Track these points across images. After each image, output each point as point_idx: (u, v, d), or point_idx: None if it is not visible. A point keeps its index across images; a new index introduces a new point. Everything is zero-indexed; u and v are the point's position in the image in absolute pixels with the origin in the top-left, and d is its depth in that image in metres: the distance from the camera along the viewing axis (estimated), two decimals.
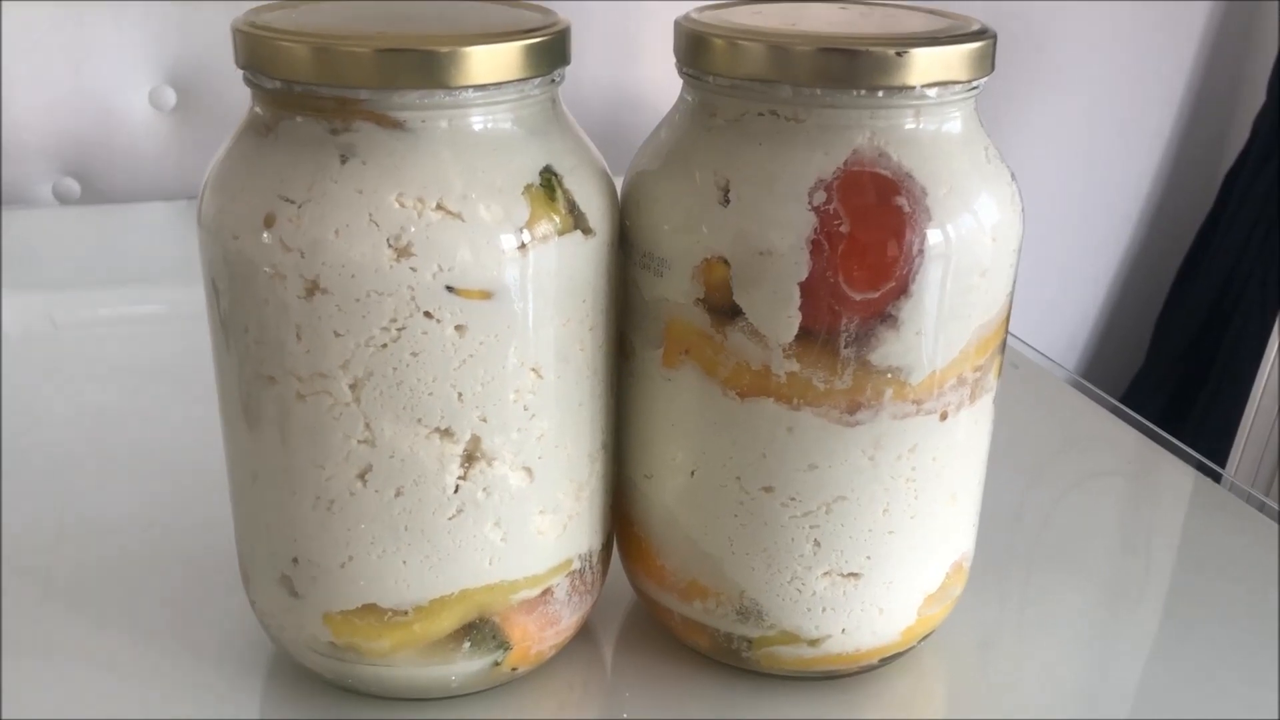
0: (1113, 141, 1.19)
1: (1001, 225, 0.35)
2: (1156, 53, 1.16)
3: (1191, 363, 1.21)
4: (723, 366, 0.35)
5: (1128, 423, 0.60)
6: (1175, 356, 1.24)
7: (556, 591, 0.37)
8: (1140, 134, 1.21)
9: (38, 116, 0.92)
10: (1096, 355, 1.32)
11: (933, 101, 0.33)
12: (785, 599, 0.37)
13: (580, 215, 0.34)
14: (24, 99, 0.91)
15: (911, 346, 0.34)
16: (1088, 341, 1.31)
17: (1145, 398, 1.23)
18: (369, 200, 0.31)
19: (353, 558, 0.35)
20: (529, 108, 0.33)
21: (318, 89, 0.31)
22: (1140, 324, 1.28)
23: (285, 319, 0.32)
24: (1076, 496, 0.53)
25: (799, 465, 0.35)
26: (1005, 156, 0.36)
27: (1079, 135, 1.16)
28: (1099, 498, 0.54)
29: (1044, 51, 1.10)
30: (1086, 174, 1.18)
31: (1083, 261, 1.24)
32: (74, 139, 0.94)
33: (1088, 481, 0.56)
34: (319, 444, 0.33)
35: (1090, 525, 0.51)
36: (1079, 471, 0.56)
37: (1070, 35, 1.10)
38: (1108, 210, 1.22)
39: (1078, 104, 1.14)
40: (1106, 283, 1.28)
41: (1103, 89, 1.15)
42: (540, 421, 0.35)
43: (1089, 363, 1.32)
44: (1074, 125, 1.15)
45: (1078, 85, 1.13)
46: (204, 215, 0.34)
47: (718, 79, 0.34)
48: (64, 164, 0.95)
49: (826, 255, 0.33)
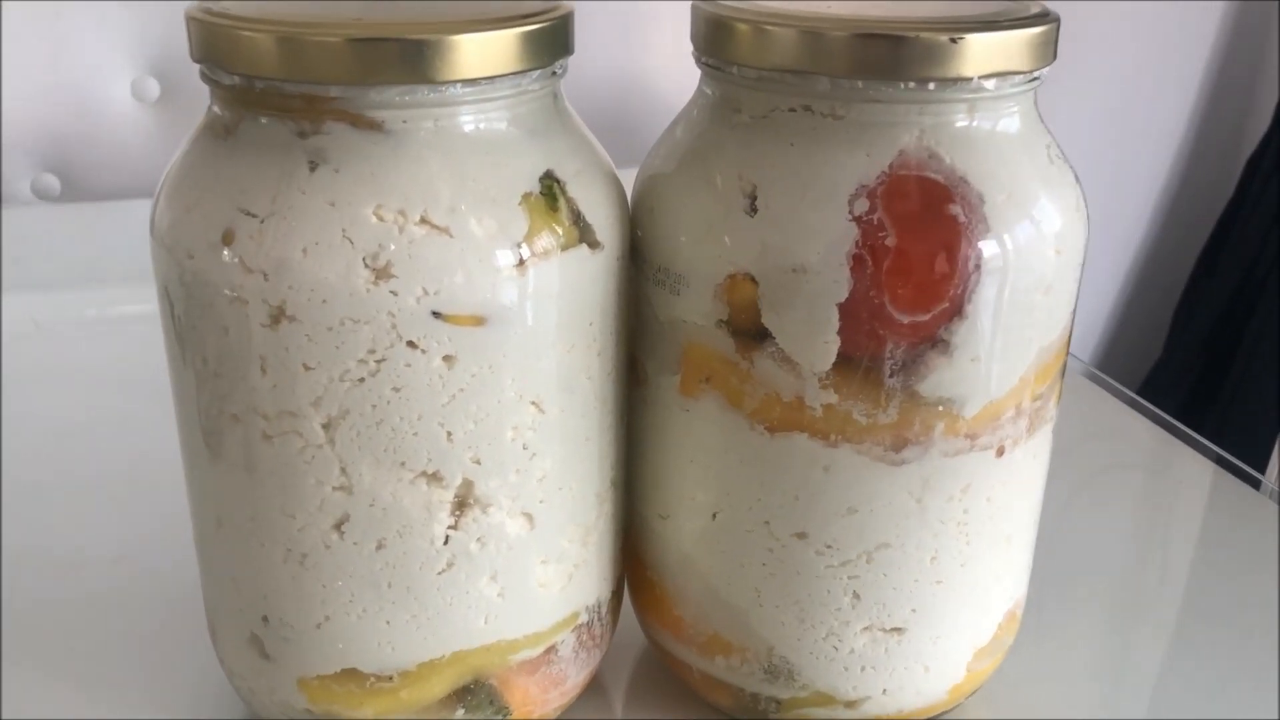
0: (1131, 130, 1.16)
1: (1065, 235, 0.30)
2: (1175, 42, 1.14)
3: (1211, 355, 1.18)
4: (749, 397, 0.31)
5: (1145, 415, 0.58)
6: (1194, 348, 1.20)
7: (561, 649, 0.33)
8: (1159, 122, 1.18)
9: (14, 110, 0.88)
10: (1113, 347, 1.29)
11: (990, 95, 0.29)
12: (820, 657, 0.33)
13: (586, 227, 0.30)
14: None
15: (965, 375, 0.30)
16: (1104, 333, 1.28)
17: (1163, 390, 1.20)
18: (342, 213, 0.27)
19: (329, 617, 0.31)
20: (527, 105, 0.29)
21: (282, 85, 0.27)
22: (1158, 315, 1.25)
23: (248, 350, 0.28)
24: (1092, 491, 0.51)
25: (837, 509, 0.31)
26: None
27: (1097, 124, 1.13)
28: (1115, 491, 0.53)
29: (1061, 42, 1.06)
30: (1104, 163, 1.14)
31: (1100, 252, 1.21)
32: (53, 133, 0.90)
33: (1103, 475, 0.54)
34: (289, 490, 0.29)
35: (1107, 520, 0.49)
36: (1094, 465, 0.54)
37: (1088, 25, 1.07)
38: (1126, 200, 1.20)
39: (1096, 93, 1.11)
40: (1124, 273, 1.25)
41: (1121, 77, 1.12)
42: (542, 461, 0.30)
43: (1105, 354, 1.29)
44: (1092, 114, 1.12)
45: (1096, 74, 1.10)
46: (156, 226, 0.30)
47: (742, 70, 0.30)
48: (43, 159, 0.91)
49: (869, 272, 0.28)
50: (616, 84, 0.94)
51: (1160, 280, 1.25)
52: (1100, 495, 0.52)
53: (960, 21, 0.29)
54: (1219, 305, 1.18)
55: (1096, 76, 1.11)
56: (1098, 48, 1.09)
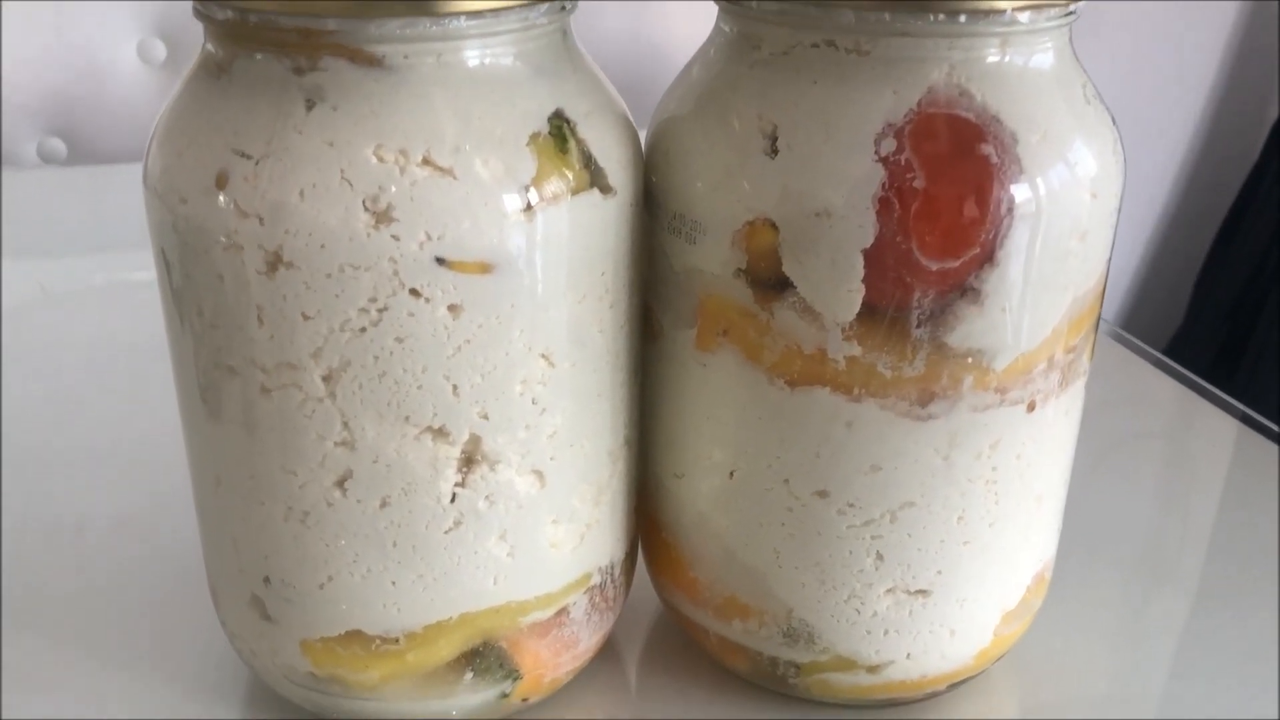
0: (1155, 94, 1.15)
1: (1102, 179, 0.29)
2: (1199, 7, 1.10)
3: (1235, 319, 1.16)
4: (769, 350, 0.29)
5: (1171, 375, 0.58)
6: (1218, 312, 1.19)
7: (573, 611, 0.32)
8: (1183, 86, 1.16)
9: (19, 72, 0.87)
10: (1135, 313, 1.28)
11: (1024, 29, 0.27)
12: (841, 620, 0.32)
13: (597, 170, 0.28)
14: (4, 55, 0.85)
15: (996, 325, 0.28)
16: (1128, 295, 1.26)
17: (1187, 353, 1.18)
18: (341, 154, 0.26)
19: (332, 577, 0.30)
20: (535, 40, 0.28)
21: (277, 18, 0.26)
22: (1182, 279, 1.23)
23: (244, 299, 0.27)
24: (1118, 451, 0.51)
25: (860, 466, 0.30)
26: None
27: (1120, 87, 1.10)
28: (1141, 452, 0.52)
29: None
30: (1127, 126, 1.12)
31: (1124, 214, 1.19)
32: (58, 96, 0.89)
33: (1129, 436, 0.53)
34: (289, 446, 0.28)
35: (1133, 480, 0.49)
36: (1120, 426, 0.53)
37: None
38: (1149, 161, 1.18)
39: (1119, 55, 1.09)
40: (1146, 236, 1.24)
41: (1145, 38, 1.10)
42: (552, 417, 0.29)
43: (1128, 318, 1.28)
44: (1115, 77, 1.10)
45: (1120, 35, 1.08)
46: (149, 173, 0.28)
47: (762, 4, 0.28)
48: (49, 123, 0.90)
49: (896, 216, 0.27)
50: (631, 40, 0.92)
51: (1184, 245, 1.23)
52: (1126, 456, 0.51)
53: None
54: (1243, 269, 1.16)
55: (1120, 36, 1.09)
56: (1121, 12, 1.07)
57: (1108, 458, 0.50)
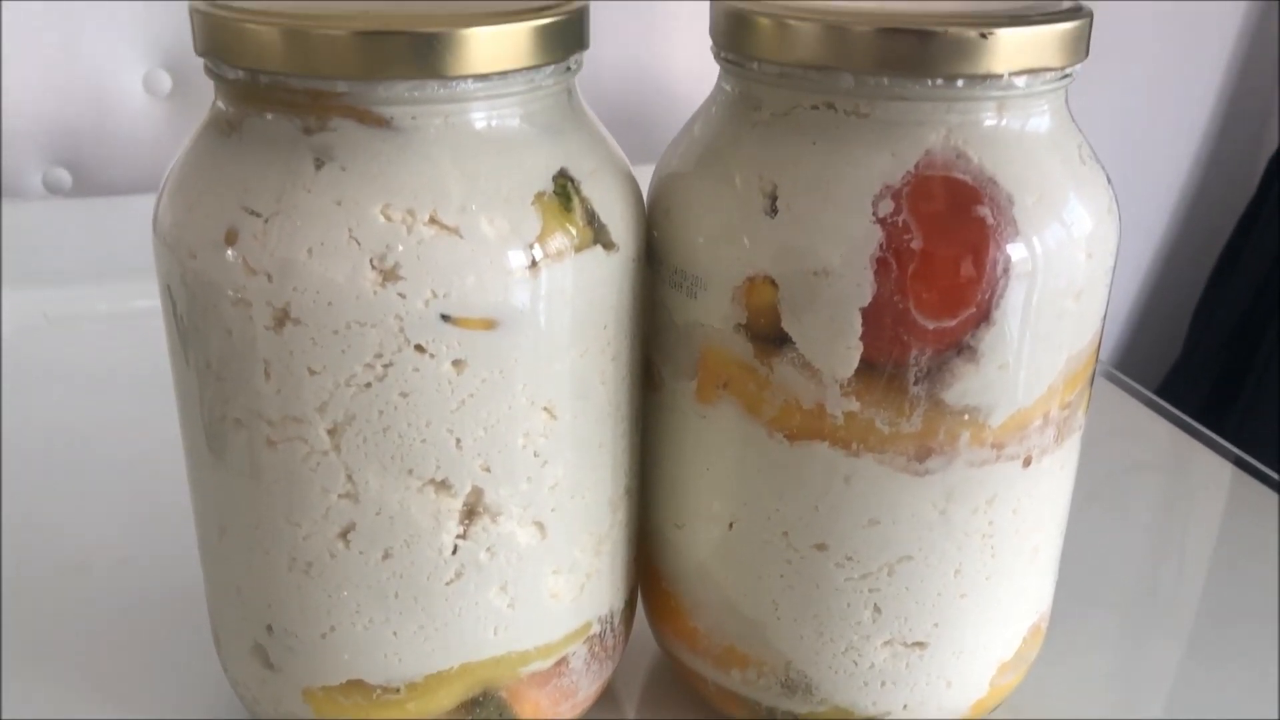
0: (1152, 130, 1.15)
1: (1097, 238, 0.29)
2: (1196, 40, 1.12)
3: (1231, 357, 1.17)
4: (768, 404, 0.30)
5: (1164, 416, 0.58)
6: (1214, 350, 1.19)
7: (573, 660, 0.32)
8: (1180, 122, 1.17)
9: (24, 102, 0.87)
10: (1132, 347, 1.28)
11: (1020, 92, 0.28)
12: (839, 671, 0.32)
13: (601, 227, 0.29)
14: (9, 84, 0.86)
15: (993, 382, 0.29)
16: (1123, 333, 1.27)
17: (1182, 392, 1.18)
18: (349, 213, 0.26)
19: (335, 627, 0.30)
20: (540, 101, 0.28)
21: (288, 80, 0.26)
22: (1178, 316, 1.23)
23: (252, 353, 0.27)
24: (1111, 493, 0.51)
25: (858, 520, 0.30)
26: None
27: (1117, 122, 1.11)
28: (1134, 493, 0.52)
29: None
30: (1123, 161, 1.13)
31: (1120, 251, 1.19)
32: (64, 127, 0.89)
33: (1122, 476, 0.53)
34: (294, 498, 0.28)
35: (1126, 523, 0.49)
36: (1113, 466, 0.53)
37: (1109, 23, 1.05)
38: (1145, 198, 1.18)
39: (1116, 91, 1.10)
40: (1143, 273, 1.24)
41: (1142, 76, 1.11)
42: (554, 469, 0.30)
43: (1123, 355, 1.28)
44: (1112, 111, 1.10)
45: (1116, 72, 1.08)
46: (159, 224, 0.29)
47: (763, 66, 0.29)
48: (54, 153, 0.90)
49: (894, 275, 0.27)
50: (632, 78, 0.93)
51: (1180, 281, 1.24)
52: (1119, 497, 0.51)
53: (990, 16, 0.28)
54: (1239, 307, 1.16)
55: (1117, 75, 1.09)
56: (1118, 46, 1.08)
57: (1102, 502, 0.50)
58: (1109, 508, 0.49)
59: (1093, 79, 0.98)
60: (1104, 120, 1.09)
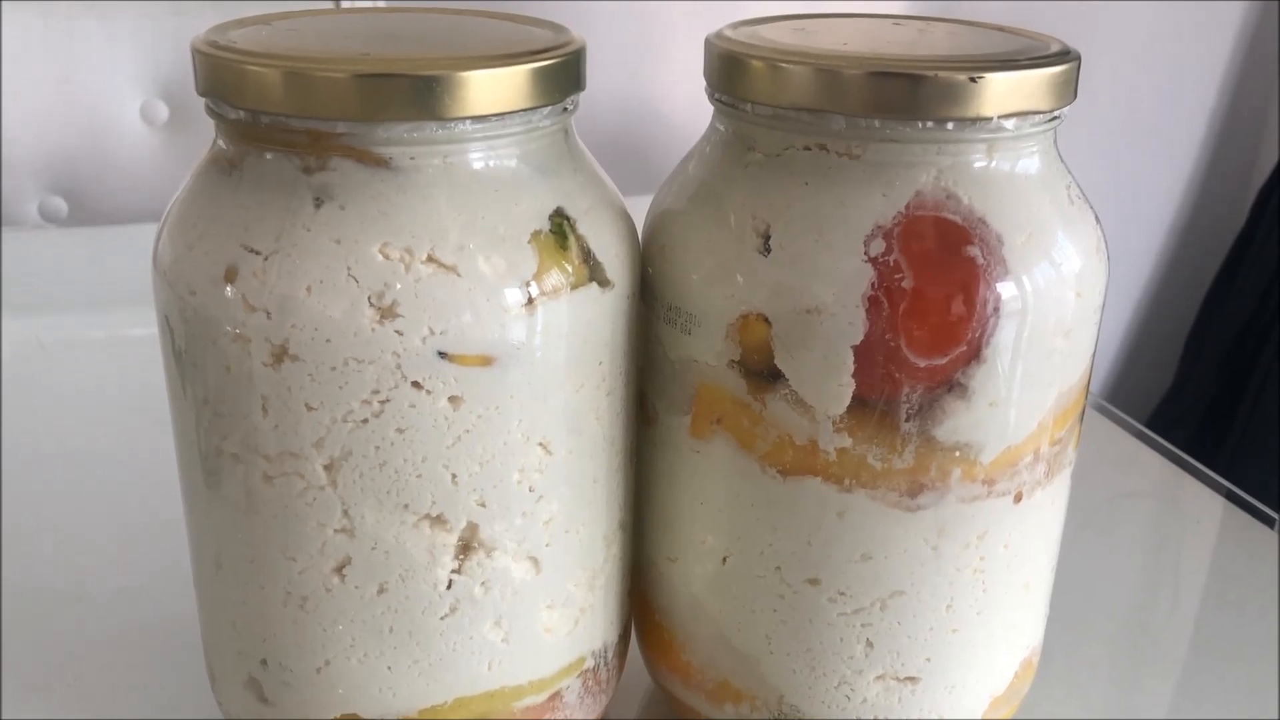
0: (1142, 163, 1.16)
1: (1086, 276, 0.30)
2: (1188, 65, 1.13)
3: (1222, 388, 1.17)
4: (761, 440, 0.30)
5: (1155, 449, 0.58)
6: (1205, 381, 1.19)
7: (566, 695, 0.32)
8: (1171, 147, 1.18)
9: (23, 132, 0.88)
10: (1123, 379, 1.29)
11: (1009, 135, 0.28)
12: (831, 706, 0.32)
13: (596, 265, 0.29)
14: (7, 112, 0.86)
15: (983, 420, 0.29)
16: (1114, 365, 1.27)
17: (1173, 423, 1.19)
18: (348, 251, 0.26)
19: (329, 662, 0.30)
20: (537, 141, 0.28)
21: (288, 120, 0.26)
22: (1169, 348, 1.24)
23: (249, 389, 0.27)
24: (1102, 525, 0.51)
25: (850, 555, 0.30)
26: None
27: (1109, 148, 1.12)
28: (1125, 526, 0.52)
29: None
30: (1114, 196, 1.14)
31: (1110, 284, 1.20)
32: (61, 155, 0.90)
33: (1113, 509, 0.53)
34: (290, 532, 0.29)
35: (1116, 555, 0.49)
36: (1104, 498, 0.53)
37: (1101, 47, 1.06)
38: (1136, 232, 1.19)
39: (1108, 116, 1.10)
40: (1132, 305, 1.25)
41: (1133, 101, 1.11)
42: (548, 504, 0.30)
43: (1114, 386, 1.28)
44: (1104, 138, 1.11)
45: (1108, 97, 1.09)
46: (159, 260, 0.29)
47: (756, 108, 0.29)
48: (51, 182, 0.91)
49: (885, 314, 0.28)
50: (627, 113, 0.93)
51: (1170, 313, 1.24)
52: (1110, 529, 0.51)
53: (979, 60, 0.28)
54: (1229, 338, 1.17)
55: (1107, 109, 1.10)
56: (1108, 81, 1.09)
57: (1093, 534, 0.50)
58: (1100, 540, 0.49)
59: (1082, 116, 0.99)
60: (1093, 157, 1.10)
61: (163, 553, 0.42)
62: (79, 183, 0.91)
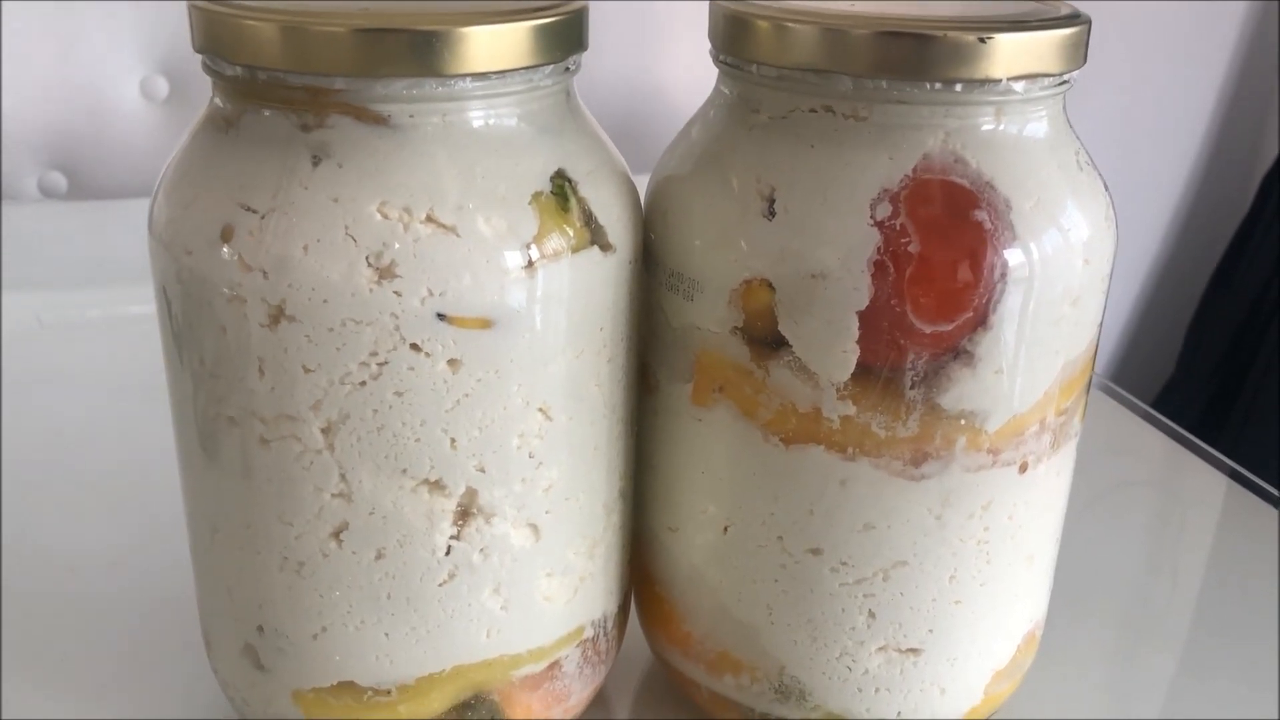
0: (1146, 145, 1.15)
1: (1094, 244, 0.29)
2: (1192, 53, 1.13)
3: (1225, 371, 1.17)
4: (764, 407, 0.30)
5: (1160, 429, 0.57)
6: (1208, 364, 1.19)
7: (565, 664, 0.32)
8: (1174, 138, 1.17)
9: (22, 107, 0.87)
10: (1127, 361, 1.28)
11: (1018, 98, 0.28)
12: (833, 677, 0.32)
13: (598, 228, 0.29)
14: (6, 88, 0.86)
15: (989, 387, 0.29)
16: (1118, 347, 1.27)
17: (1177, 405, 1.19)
18: (345, 210, 0.26)
19: (326, 628, 0.30)
20: (538, 101, 0.28)
21: (285, 76, 0.26)
22: (1173, 331, 1.24)
23: (246, 351, 0.27)
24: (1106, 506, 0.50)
25: (853, 525, 0.30)
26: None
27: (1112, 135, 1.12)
28: (1129, 506, 0.52)
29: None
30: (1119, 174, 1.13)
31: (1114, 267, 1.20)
32: (61, 131, 0.89)
33: (1117, 490, 0.53)
34: (286, 497, 0.28)
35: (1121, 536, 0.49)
36: (1108, 479, 0.53)
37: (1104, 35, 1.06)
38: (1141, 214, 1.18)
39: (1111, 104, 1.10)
40: (1138, 288, 1.24)
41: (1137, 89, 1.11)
42: (548, 470, 0.29)
43: (1118, 368, 1.28)
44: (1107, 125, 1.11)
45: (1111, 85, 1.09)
46: (154, 222, 0.29)
47: (761, 69, 0.29)
48: (50, 157, 0.90)
49: (891, 279, 0.27)
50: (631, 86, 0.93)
51: (1175, 295, 1.24)
52: (1114, 509, 0.51)
53: (989, 21, 0.28)
54: (1234, 320, 1.16)
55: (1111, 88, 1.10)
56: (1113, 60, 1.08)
57: (1097, 514, 0.50)
58: (1104, 520, 0.49)
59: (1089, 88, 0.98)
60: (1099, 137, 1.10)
61: (160, 526, 0.42)
62: (78, 158, 0.91)
